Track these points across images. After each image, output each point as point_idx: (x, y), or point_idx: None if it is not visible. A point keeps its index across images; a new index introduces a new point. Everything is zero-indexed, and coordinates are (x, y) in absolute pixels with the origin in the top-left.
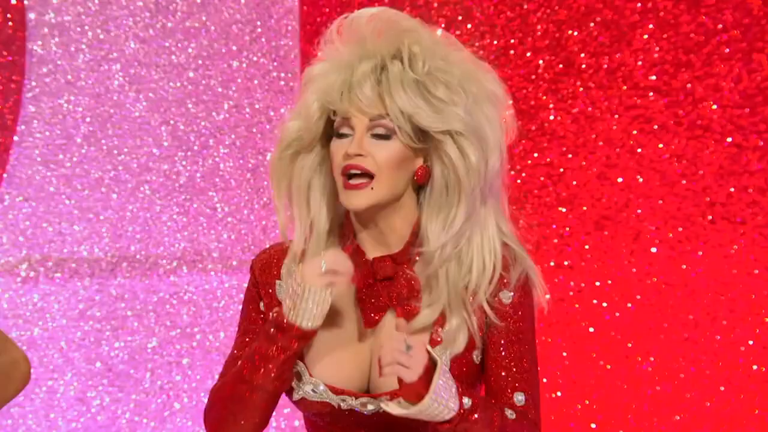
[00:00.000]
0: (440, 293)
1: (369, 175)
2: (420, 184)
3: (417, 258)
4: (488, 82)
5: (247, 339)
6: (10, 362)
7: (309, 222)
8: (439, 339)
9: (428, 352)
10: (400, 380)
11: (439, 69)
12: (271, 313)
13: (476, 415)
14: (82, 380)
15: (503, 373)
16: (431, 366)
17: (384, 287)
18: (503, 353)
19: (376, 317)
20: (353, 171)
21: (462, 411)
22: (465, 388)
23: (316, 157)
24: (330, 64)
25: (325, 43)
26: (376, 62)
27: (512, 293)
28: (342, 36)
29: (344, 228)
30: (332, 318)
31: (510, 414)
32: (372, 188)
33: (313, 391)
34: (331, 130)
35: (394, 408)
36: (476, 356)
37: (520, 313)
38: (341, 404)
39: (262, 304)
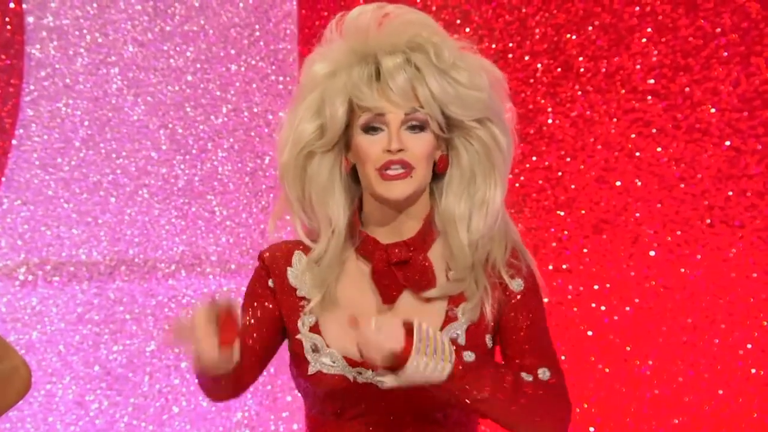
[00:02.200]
0: (468, 266)
1: (406, 167)
2: (439, 173)
3: (431, 243)
4: (488, 63)
5: (249, 309)
6: (11, 369)
7: (331, 225)
8: (455, 317)
9: (405, 323)
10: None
11: (458, 57)
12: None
13: (481, 371)
14: (80, 384)
15: (525, 354)
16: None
17: (399, 270)
18: (522, 335)
19: (395, 293)
20: (395, 166)
21: (460, 366)
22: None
23: (335, 155)
24: (337, 60)
25: (327, 40)
26: (402, 55)
27: (522, 280)
28: (347, 32)
29: (352, 228)
30: (350, 295)
31: (526, 376)
32: (411, 177)
33: (331, 362)
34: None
35: (388, 380)
36: (488, 340)
37: (532, 296)
38: (357, 377)
39: (271, 281)
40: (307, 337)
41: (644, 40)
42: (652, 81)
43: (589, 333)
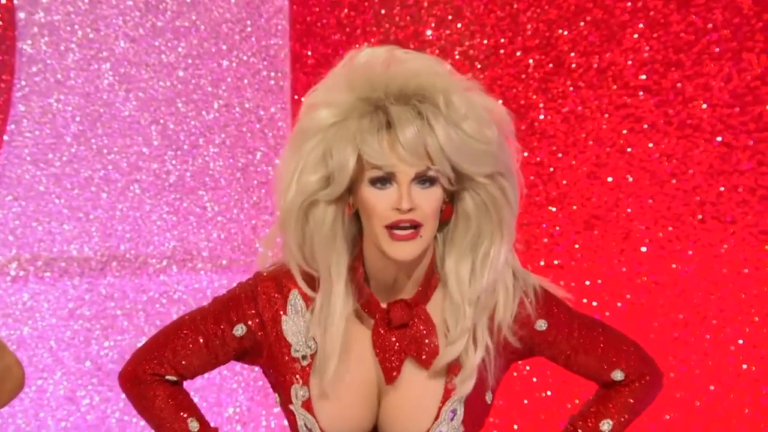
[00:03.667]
0: (467, 328)
1: (415, 226)
2: (442, 221)
3: (433, 292)
4: (494, 103)
5: (219, 324)
6: (4, 368)
7: (331, 275)
8: (453, 388)
9: None
10: None
11: (467, 105)
12: None
13: None
14: (71, 379)
15: (591, 367)
16: None
17: (400, 333)
18: (575, 357)
19: (395, 373)
20: (404, 224)
21: None
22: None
23: (340, 204)
24: (344, 108)
25: (332, 80)
26: (412, 108)
27: (543, 319)
28: (354, 76)
29: (354, 274)
30: (348, 368)
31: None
32: (420, 236)
33: None
34: None
35: None
36: (488, 397)
37: (559, 322)
38: None
39: (241, 327)
40: (300, 413)
41: (636, 35)
42: (643, 77)
43: None
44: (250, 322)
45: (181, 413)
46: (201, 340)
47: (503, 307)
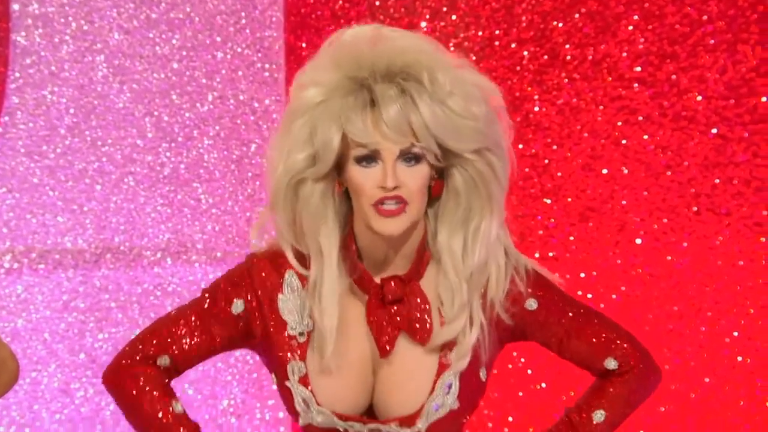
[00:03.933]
0: (464, 304)
1: (401, 202)
2: (433, 197)
3: (426, 267)
4: (483, 80)
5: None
6: None
7: (322, 253)
8: (448, 363)
9: None
10: None
11: (454, 82)
12: None
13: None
14: (65, 372)
15: (584, 353)
16: None
17: (394, 308)
18: (568, 342)
19: (390, 347)
20: (389, 201)
21: None
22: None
23: (328, 181)
24: (330, 86)
25: (320, 59)
26: (396, 86)
27: (533, 298)
28: (340, 54)
29: (347, 251)
30: (343, 343)
31: (596, 414)
32: (406, 212)
33: (321, 419)
34: None
35: None
36: (482, 374)
37: (550, 303)
38: (349, 429)
39: (240, 304)
40: (297, 389)
41: (631, 27)
42: (638, 68)
43: None
44: (248, 298)
45: (165, 397)
46: (195, 336)
47: (495, 284)
